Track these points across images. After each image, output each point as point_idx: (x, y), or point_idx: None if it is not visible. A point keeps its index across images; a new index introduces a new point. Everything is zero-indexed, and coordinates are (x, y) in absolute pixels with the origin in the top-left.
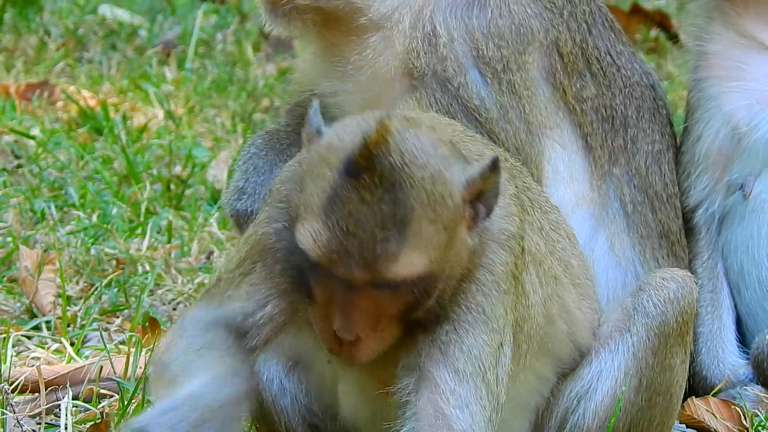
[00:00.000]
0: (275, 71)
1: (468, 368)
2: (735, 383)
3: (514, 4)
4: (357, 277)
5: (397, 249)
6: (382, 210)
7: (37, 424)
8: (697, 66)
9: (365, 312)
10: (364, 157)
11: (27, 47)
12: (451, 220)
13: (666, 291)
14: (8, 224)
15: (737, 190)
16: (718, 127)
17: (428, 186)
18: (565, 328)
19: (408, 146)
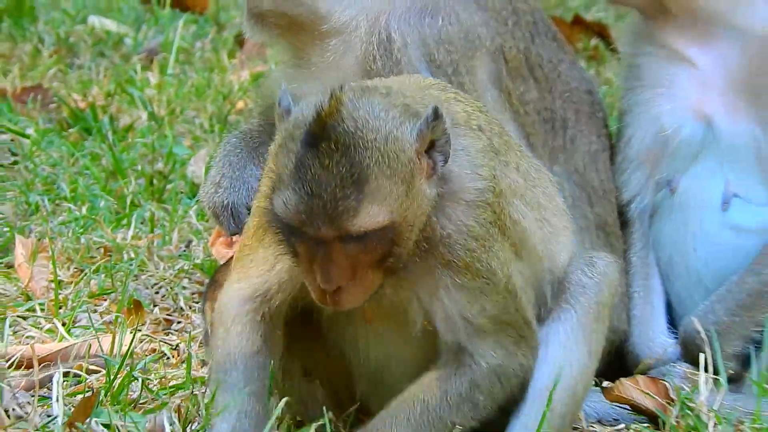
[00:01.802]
0: (249, 77)
1: (488, 324)
2: (665, 361)
3: (463, 13)
4: (326, 234)
5: (358, 205)
6: (340, 172)
7: (31, 397)
8: (628, 76)
9: (341, 265)
10: (320, 126)
11: (22, 54)
12: (407, 173)
13: (598, 267)
14: (5, 215)
15: (665, 187)
16: (647, 131)
17: (381, 145)
18: (549, 262)
19: (360, 113)
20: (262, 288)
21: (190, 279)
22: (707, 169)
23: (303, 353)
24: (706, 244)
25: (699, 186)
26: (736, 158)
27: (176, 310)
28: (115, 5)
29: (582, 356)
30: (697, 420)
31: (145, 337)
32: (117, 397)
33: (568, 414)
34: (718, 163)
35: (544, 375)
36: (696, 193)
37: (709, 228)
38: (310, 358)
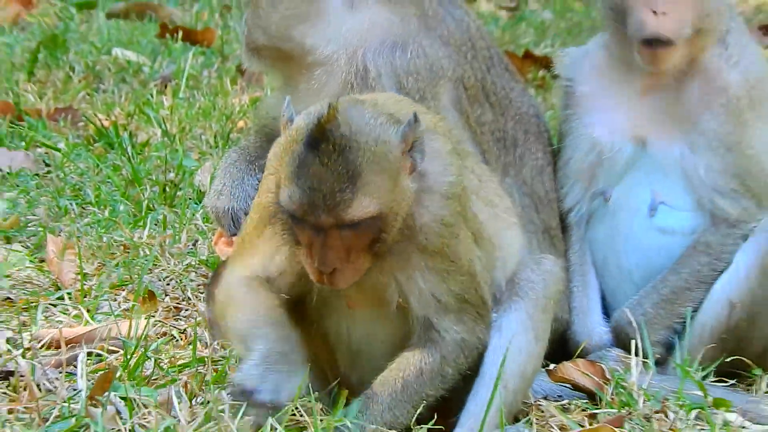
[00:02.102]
0: (248, 100)
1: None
2: (600, 346)
3: (428, 48)
4: (324, 222)
5: (352, 197)
6: (337, 169)
7: (59, 373)
8: (568, 104)
9: (336, 249)
10: (320, 131)
11: (56, 80)
12: (394, 170)
13: (544, 266)
14: (39, 217)
15: (600, 197)
16: (585, 150)
17: (371, 146)
18: (499, 251)
19: (353, 119)
20: (263, 274)
21: (197, 272)
22: (637, 181)
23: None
24: (635, 245)
25: (629, 195)
26: (664, 172)
27: (184, 299)
28: (135, 39)
29: (530, 342)
30: (629, 397)
31: (158, 322)
32: (133, 374)
33: (519, 391)
34: (646, 175)
35: (498, 357)
36: (626, 202)
37: (638, 231)
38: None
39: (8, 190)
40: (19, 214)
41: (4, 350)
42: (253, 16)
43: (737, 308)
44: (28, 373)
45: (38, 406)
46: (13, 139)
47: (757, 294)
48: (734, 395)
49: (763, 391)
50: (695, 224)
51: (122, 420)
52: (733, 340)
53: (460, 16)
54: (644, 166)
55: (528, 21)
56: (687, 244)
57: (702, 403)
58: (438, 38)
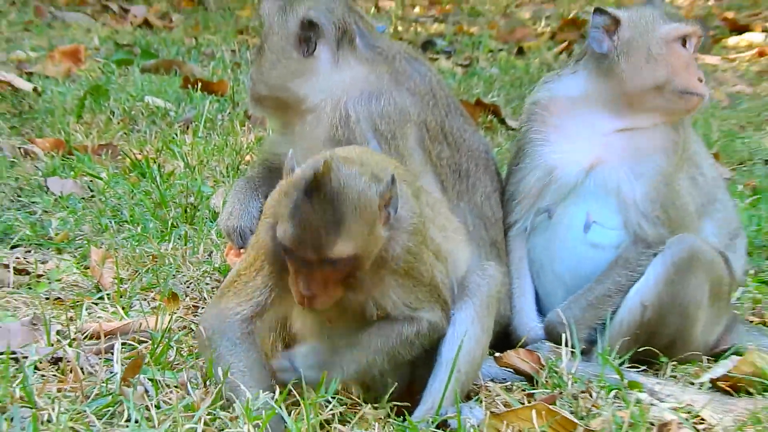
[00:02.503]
0: (254, 139)
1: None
2: (535, 340)
3: (398, 97)
4: (310, 257)
5: (335, 239)
6: (325, 216)
7: (99, 359)
8: (537, 130)
9: (318, 279)
10: (315, 183)
11: (99, 122)
12: (371, 220)
13: (488, 272)
14: (85, 233)
15: (544, 213)
16: (541, 172)
17: (355, 201)
18: (452, 265)
19: (342, 177)
20: (258, 307)
21: (211, 278)
22: (576, 202)
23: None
24: (569, 255)
25: (568, 213)
26: (600, 196)
27: (201, 299)
28: (163, 89)
29: (478, 333)
30: (560, 380)
31: (179, 318)
32: (158, 360)
33: (470, 373)
34: (584, 199)
35: (453, 346)
36: (565, 219)
37: (573, 244)
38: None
39: (60, 211)
40: (68, 230)
41: (55, 340)
42: (257, 73)
43: (648, 309)
44: (73, 359)
45: (81, 386)
46: (64, 170)
47: (663, 298)
48: (645, 378)
49: (668, 375)
50: (619, 241)
51: (149, 397)
52: (644, 335)
53: (423, 72)
54: (584, 190)
55: (479, 75)
56: (611, 257)
57: (619, 385)
58: (406, 90)
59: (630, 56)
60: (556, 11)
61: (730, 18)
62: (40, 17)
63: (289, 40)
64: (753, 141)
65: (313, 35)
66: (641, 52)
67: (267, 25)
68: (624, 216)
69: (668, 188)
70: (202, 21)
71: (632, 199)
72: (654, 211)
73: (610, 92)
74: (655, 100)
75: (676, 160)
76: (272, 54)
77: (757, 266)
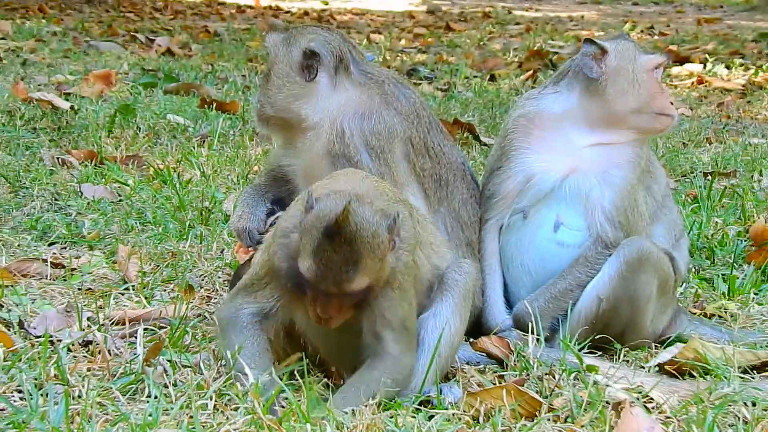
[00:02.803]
0: (261, 152)
1: (397, 324)
2: (503, 329)
3: (386, 117)
4: (332, 291)
5: (354, 276)
6: (345, 255)
7: (124, 342)
8: (521, 138)
9: (335, 306)
10: (336, 227)
11: (127, 136)
12: (383, 254)
13: (464, 268)
14: (113, 232)
15: (519, 213)
16: (521, 177)
17: (370, 240)
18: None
19: (359, 219)
20: (266, 311)
21: (223, 272)
22: (548, 204)
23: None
24: (538, 251)
25: (540, 214)
26: (570, 201)
27: (214, 291)
28: (182, 108)
29: (456, 322)
30: (526, 363)
31: (194, 307)
32: (176, 344)
33: (449, 357)
34: (556, 202)
35: (434, 333)
36: (537, 219)
37: (542, 241)
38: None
39: (92, 213)
40: (99, 230)
41: (86, 326)
42: (265, 96)
43: (603, 302)
44: (102, 342)
45: (108, 366)
46: (96, 177)
47: (617, 292)
48: (601, 363)
49: (622, 360)
50: (582, 241)
51: (167, 376)
52: (600, 324)
53: (408, 94)
54: (557, 195)
55: (456, 98)
56: (574, 254)
57: (578, 368)
58: (394, 110)
59: (616, 82)
60: (523, 44)
61: (673, 50)
62: (78, 46)
63: (293, 68)
64: (694, 156)
65: (315, 63)
66: (626, 78)
67: (273, 54)
68: (589, 219)
69: (631, 196)
70: (217, 50)
71: (600, 205)
72: (618, 216)
73: (593, 111)
74: (634, 120)
75: (640, 172)
76: (278, 79)
77: (699, 265)
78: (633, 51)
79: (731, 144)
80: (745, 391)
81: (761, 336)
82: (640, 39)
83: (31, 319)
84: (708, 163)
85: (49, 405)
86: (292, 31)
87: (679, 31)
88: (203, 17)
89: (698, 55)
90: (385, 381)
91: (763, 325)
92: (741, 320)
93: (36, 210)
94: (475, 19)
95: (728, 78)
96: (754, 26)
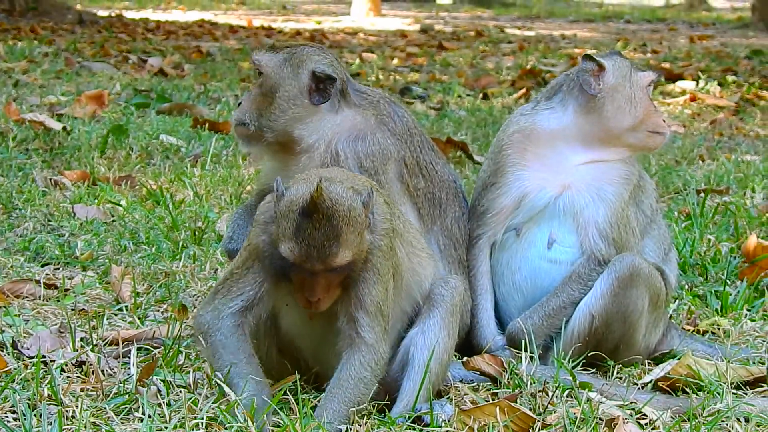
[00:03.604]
0: (253, 171)
1: (372, 308)
2: (494, 349)
3: (381, 138)
4: (316, 268)
5: (337, 250)
6: (325, 231)
7: (117, 363)
8: (517, 154)
9: (321, 285)
10: (312, 205)
11: (120, 156)
12: (361, 228)
13: (451, 284)
14: (106, 252)
15: (513, 230)
16: (515, 194)
17: (347, 214)
18: (417, 277)
19: (333, 195)
20: (249, 301)
21: None
22: (540, 222)
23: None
24: (530, 268)
25: (533, 232)
26: (563, 218)
27: None
28: (175, 128)
29: (445, 337)
30: (520, 380)
31: (188, 327)
32: (169, 363)
33: (440, 374)
34: (549, 219)
35: (424, 350)
36: (530, 236)
37: (534, 259)
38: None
39: (85, 234)
40: (92, 250)
41: (79, 346)
42: (264, 118)
43: (596, 318)
44: (95, 363)
45: (102, 386)
46: (89, 198)
47: (609, 308)
48: (594, 380)
49: (615, 377)
50: (575, 258)
51: (161, 396)
52: (593, 341)
53: (402, 114)
54: (551, 212)
55: (449, 117)
56: (565, 271)
57: (572, 385)
58: (388, 131)
59: (614, 98)
60: (515, 62)
61: (666, 68)
62: (70, 67)
63: (302, 91)
64: (687, 173)
65: (328, 86)
66: (624, 95)
67: (275, 76)
68: (582, 236)
69: (624, 213)
70: (210, 70)
71: (594, 222)
72: (612, 233)
73: (588, 128)
74: (629, 137)
75: (632, 189)
76: (284, 102)
77: (691, 282)
78: (628, 68)
79: (724, 161)
80: (738, 407)
81: (754, 352)
82: (632, 57)
83: (25, 340)
84: (701, 180)
85: (42, 425)
86: (291, 51)
87: (672, 49)
88: (195, 37)
89: (691, 73)
90: (364, 376)
91: (756, 341)
92: (734, 336)
93: (29, 231)
94: (467, 37)
95: (721, 95)
96: (746, 43)
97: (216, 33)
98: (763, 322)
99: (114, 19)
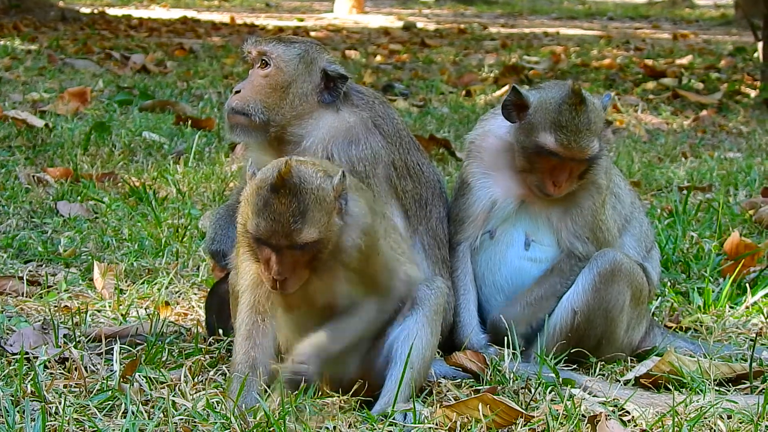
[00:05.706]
0: (236, 168)
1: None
2: (477, 348)
3: (372, 142)
4: (281, 244)
5: (301, 226)
6: (291, 207)
7: (100, 359)
8: (480, 165)
9: (287, 263)
10: (279, 180)
11: (102, 153)
12: (329, 209)
13: (435, 284)
14: (89, 249)
15: (488, 234)
16: (485, 202)
17: (314, 192)
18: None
19: (301, 173)
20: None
21: (199, 289)
22: (516, 225)
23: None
24: (510, 268)
25: (509, 234)
26: (535, 220)
27: (190, 308)
28: (158, 125)
29: (428, 335)
30: (502, 377)
31: (171, 323)
32: (153, 360)
33: (423, 371)
34: (522, 222)
35: (406, 347)
36: (507, 238)
37: (513, 258)
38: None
39: (68, 230)
40: (75, 247)
41: (62, 343)
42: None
43: (578, 314)
44: (78, 359)
45: (85, 383)
46: (71, 195)
47: (591, 304)
48: (577, 376)
49: (597, 373)
50: (553, 256)
51: (144, 393)
52: (576, 337)
53: (392, 115)
54: (522, 216)
55: (432, 114)
56: (546, 267)
57: (554, 382)
58: (380, 134)
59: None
60: (498, 60)
61: (649, 65)
62: (53, 64)
63: (314, 89)
64: (669, 171)
65: (339, 85)
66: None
67: (290, 71)
68: (557, 236)
69: (596, 216)
70: (193, 67)
71: (564, 225)
72: (584, 233)
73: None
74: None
75: (603, 197)
76: (296, 99)
77: (674, 279)
78: (544, 118)
79: (707, 158)
80: (721, 403)
81: (736, 349)
82: (615, 54)
83: (8, 337)
84: (684, 177)
85: (26, 422)
86: (303, 47)
87: (655, 46)
88: (178, 34)
89: (674, 70)
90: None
91: (738, 338)
92: (716, 333)
93: (12, 228)
94: (450, 35)
95: (704, 92)
96: (729, 40)
97: (199, 30)
98: (746, 318)
99: (97, 16)
